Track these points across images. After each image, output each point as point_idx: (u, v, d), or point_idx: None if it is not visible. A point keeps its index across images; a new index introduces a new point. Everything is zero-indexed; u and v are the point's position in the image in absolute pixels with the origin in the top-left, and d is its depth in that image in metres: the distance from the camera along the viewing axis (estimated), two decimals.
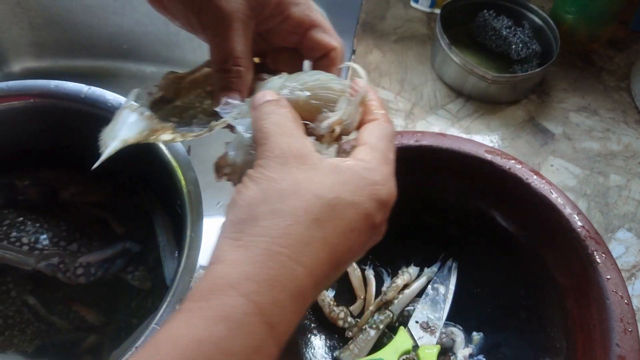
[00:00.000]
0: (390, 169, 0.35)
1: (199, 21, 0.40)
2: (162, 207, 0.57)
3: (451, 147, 0.60)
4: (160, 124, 0.40)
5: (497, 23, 0.85)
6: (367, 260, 0.64)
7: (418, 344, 0.54)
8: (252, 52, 0.41)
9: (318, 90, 0.37)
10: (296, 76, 0.38)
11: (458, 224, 0.64)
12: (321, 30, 0.42)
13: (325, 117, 0.37)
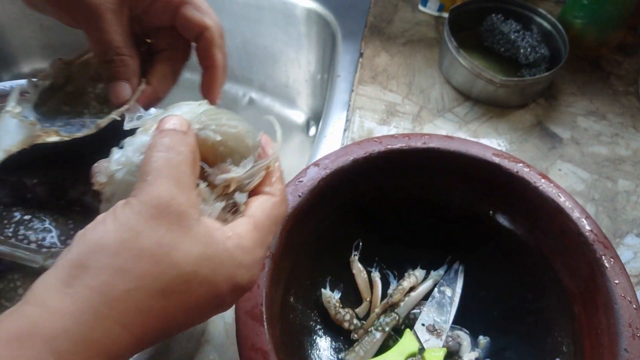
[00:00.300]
0: (263, 253, 0.33)
1: (71, 18, 0.39)
2: None
3: (459, 149, 0.60)
4: (43, 129, 0.39)
5: (506, 27, 0.85)
6: (373, 262, 0.64)
7: (424, 346, 0.54)
8: (132, 38, 0.40)
9: (231, 139, 0.35)
10: (216, 114, 0.36)
11: (464, 227, 0.64)
12: (192, 8, 0.40)
13: (225, 169, 0.34)
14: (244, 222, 0.32)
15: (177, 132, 0.32)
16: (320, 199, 0.57)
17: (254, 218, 0.33)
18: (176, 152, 0.31)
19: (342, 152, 0.59)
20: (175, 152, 0.31)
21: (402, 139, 0.60)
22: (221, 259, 0.30)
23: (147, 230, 0.28)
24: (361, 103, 0.81)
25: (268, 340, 0.47)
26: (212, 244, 0.30)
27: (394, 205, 0.64)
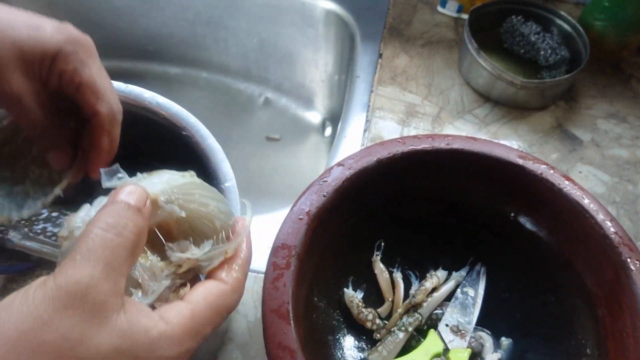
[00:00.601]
0: (195, 344, 0.30)
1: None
2: None
3: (482, 151, 0.60)
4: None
5: (526, 29, 0.85)
6: (395, 263, 0.64)
7: (448, 347, 0.54)
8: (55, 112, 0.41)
9: (197, 218, 0.34)
10: (192, 189, 0.35)
11: (486, 228, 0.64)
12: (88, 91, 0.40)
13: (184, 247, 0.33)
14: (180, 307, 0.30)
15: (128, 208, 0.30)
16: (344, 199, 0.57)
17: (192, 304, 0.31)
18: (116, 233, 0.29)
19: (366, 152, 0.59)
20: (115, 233, 0.29)
21: (425, 140, 0.60)
22: (137, 353, 0.27)
23: (54, 320, 0.25)
24: (380, 104, 0.81)
25: (295, 338, 0.47)
26: (130, 336, 0.27)
27: (416, 206, 0.64)
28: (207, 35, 1.15)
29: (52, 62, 0.39)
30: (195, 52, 1.20)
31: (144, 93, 0.53)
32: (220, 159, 0.50)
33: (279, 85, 1.19)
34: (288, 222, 0.54)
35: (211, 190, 0.36)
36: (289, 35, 1.07)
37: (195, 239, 0.34)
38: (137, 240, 0.30)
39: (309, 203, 0.55)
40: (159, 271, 0.32)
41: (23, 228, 0.54)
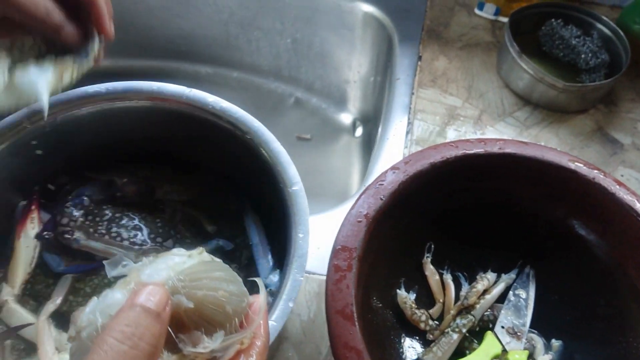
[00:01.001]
0: None
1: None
2: (251, 206, 0.59)
3: (534, 155, 0.60)
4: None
5: (566, 32, 0.85)
6: (444, 265, 0.65)
7: (506, 348, 0.55)
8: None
9: (206, 307, 0.31)
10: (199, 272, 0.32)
11: (535, 232, 0.64)
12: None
13: (196, 339, 0.31)
14: None
15: (147, 315, 0.28)
16: (399, 202, 0.58)
17: None
18: (132, 345, 0.27)
19: (419, 156, 0.60)
20: (130, 345, 0.27)
21: (478, 144, 0.61)
22: None
23: None
24: (422, 106, 0.82)
25: (360, 339, 0.48)
26: None
27: (466, 209, 0.65)
28: (240, 36, 1.17)
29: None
30: (227, 52, 1.21)
31: (207, 97, 0.55)
32: (286, 163, 0.51)
33: (310, 85, 1.20)
34: (347, 225, 0.55)
35: (221, 269, 0.34)
36: (324, 36, 1.08)
37: (208, 329, 0.31)
38: (154, 351, 0.28)
39: (367, 206, 0.56)
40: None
41: (88, 229, 0.56)
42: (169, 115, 0.56)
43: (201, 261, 0.33)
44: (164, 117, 0.56)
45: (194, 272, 0.32)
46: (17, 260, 0.54)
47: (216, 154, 0.59)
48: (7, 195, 0.56)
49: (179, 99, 0.55)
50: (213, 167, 0.61)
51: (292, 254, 0.46)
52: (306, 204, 0.48)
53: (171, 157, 0.61)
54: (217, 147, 0.57)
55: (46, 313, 0.51)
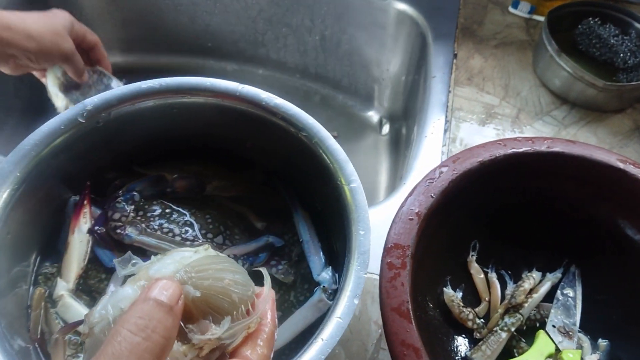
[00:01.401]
0: None
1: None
2: (300, 203, 0.59)
3: (582, 154, 0.60)
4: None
5: (603, 31, 0.85)
6: (488, 263, 0.65)
7: (559, 347, 0.55)
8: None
9: (213, 296, 0.32)
10: (206, 264, 0.33)
11: (580, 231, 0.64)
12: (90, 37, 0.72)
13: (204, 327, 0.32)
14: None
15: (160, 308, 0.29)
16: (447, 200, 0.58)
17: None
18: (145, 337, 0.27)
19: (468, 154, 0.60)
20: (144, 337, 0.27)
21: (526, 143, 0.61)
22: None
23: None
24: (459, 104, 0.82)
25: (417, 336, 0.48)
26: None
27: (510, 207, 0.65)
28: (267, 32, 1.16)
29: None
30: (254, 48, 1.21)
31: (260, 94, 0.54)
32: (343, 160, 0.50)
33: (337, 83, 1.20)
34: (399, 223, 0.55)
35: (226, 261, 0.35)
36: (353, 34, 1.08)
37: (215, 317, 0.32)
38: (166, 344, 0.28)
39: (418, 204, 0.56)
40: (181, 357, 0.31)
41: (140, 224, 0.56)
42: (222, 111, 0.55)
43: (207, 255, 0.35)
44: (217, 113, 0.56)
45: (201, 264, 0.33)
46: (71, 255, 0.54)
47: (267, 150, 0.59)
48: (59, 191, 0.57)
49: (232, 95, 0.55)
50: (263, 164, 0.61)
51: (354, 251, 0.46)
52: (365, 201, 0.48)
53: (221, 153, 0.61)
54: (269, 144, 0.57)
55: None
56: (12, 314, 0.48)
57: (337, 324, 0.42)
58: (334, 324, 0.41)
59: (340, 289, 0.44)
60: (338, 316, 0.42)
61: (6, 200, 0.48)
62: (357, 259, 0.45)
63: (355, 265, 0.45)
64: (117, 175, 0.60)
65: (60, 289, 0.52)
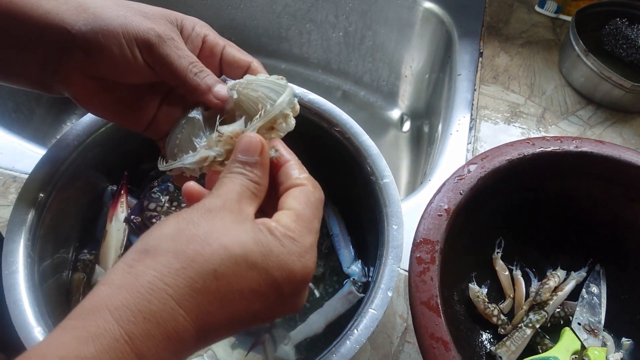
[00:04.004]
0: (313, 239, 0.34)
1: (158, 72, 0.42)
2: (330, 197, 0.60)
3: (611, 154, 0.61)
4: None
5: (631, 32, 0.85)
6: (512, 261, 0.65)
7: (585, 345, 0.55)
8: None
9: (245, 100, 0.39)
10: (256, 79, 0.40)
11: (606, 230, 0.65)
12: (235, 49, 0.45)
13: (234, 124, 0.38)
14: (286, 214, 0.34)
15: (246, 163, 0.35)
16: (476, 197, 0.59)
17: (294, 210, 0.34)
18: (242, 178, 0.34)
19: (497, 152, 0.60)
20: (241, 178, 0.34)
21: (554, 142, 0.61)
22: (270, 247, 0.31)
23: (201, 220, 0.31)
24: (484, 102, 0.82)
25: (446, 330, 0.49)
26: (260, 234, 0.32)
27: (537, 205, 0.65)
28: (291, 27, 1.17)
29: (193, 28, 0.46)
30: (277, 43, 1.22)
31: (294, 89, 0.55)
32: (376, 156, 0.51)
33: (359, 79, 1.21)
34: (427, 218, 0.56)
35: (273, 82, 0.40)
36: (377, 30, 1.09)
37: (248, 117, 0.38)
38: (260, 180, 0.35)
39: (447, 200, 0.57)
40: (213, 143, 0.38)
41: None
42: None
43: (267, 78, 0.41)
44: None
45: (253, 79, 0.40)
46: (109, 243, 0.55)
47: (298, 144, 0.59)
48: (97, 180, 0.58)
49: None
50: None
51: (387, 245, 0.47)
52: (398, 196, 0.49)
53: None
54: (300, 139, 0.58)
55: None
56: (55, 299, 0.50)
57: (371, 315, 0.43)
58: (368, 315, 0.43)
59: (374, 282, 0.46)
60: (372, 308, 0.43)
61: (49, 188, 0.50)
62: (391, 252, 0.46)
63: (389, 259, 0.46)
64: (152, 165, 0.61)
65: (99, 276, 0.54)
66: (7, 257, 0.45)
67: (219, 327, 0.31)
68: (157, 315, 0.28)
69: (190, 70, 0.40)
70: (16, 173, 0.69)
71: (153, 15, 0.41)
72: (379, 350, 0.61)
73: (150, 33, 0.39)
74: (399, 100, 1.18)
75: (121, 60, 0.39)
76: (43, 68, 0.41)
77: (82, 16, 0.39)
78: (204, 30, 0.44)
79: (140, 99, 0.44)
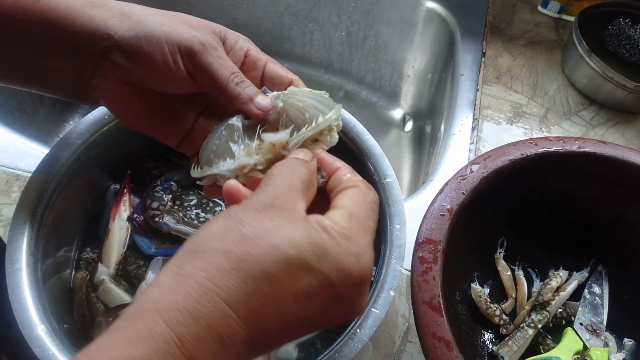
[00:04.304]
0: (369, 238, 0.33)
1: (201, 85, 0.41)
2: None
3: (614, 155, 0.61)
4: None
5: (634, 32, 0.84)
6: (514, 261, 0.65)
7: (587, 345, 0.55)
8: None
9: (291, 109, 0.39)
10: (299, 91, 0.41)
11: (608, 231, 0.65)
12: (277, 65, 0.45)
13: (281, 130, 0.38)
14: (339, 212, 0.33)
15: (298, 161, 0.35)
16: (478, 197, 0.59)
17: (347, 209, 0.33)
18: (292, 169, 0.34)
19: (499, 152, 0.60)
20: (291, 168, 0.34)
21: (557, 142, 0.61)
22: (325, 247, 0.30)
23: (250, 219, 0.30)
24: (487, 102, 0.82)
25: (449, 330, 0.49)
26: (314, 233, 0.30)
27: (539, 206, 0.65)
28: (294, 27, 1.17)
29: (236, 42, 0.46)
30: (279, 43, 1.22)
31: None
32: (379, 155, 0.52)
33: (361, 78, 1.21)
34: (430, 218, 0.56)
35: (318, 95, 0.40)
36: (380, 30, 1.08)
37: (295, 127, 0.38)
38: (309, 180, 0.34)
39: (449, 200, 0.57)
40: (253, 151, 0.38)
41: (178, 213, 0.58)
42: None
43: (310, 90, 0.41)
44: None
45: (297, 91, 0.41)
46: (112, 242, 0.55)
47: None
48: (99, 179, 0.58)
49: None
50: None
51: (390, 245, 0.47)
52: (401, 195, 0.49)
53: None
54: None
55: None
56: (58, 297, 0.50)
57: (373, 315, 0.43)
58: (371, 315, 0.43)
59: (376, 281, 0.45)
60: (375, 308, 0.43)
61: (52, 187, 0.50)
62: (394, 252, 0.46)
63: (392, 258, 0.46)
64: (155, 164, 0.61)
65: (101, 274, 0.54)
66: (10, 255, 0.45)
67: (272, 333, 0.30)
68: (207, 317, 0.27)
69: (232, 80, 0.40)
70: (19, 171, 0.69)
71: (197, 25, 0.41)
72: (381, 350, 0.61)
73: (193, 41, 0.39)
74: (402, 100, 1.18)
75: (163, 67, 0.39)
76: (81, 74, 0.41)
77: (126, 23, 0.39)
78: (246, 44, 0.44)
79: (177, 111, 0.43)
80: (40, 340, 0.41)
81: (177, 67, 0.39)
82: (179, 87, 0.41)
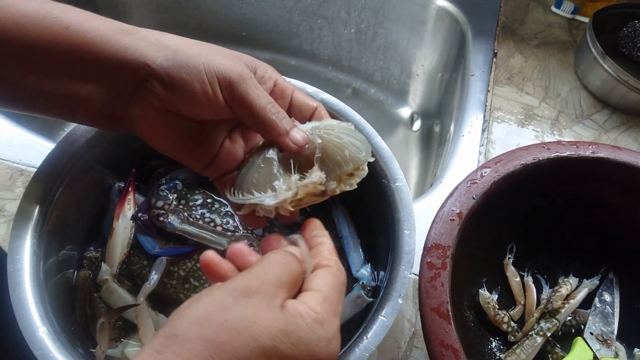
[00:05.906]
0: (338, 323, 0.35)
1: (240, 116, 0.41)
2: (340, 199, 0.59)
3: (628, 161, 0.59)
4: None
5: None
6: (524, 267, 0.64)
7: (597, 355, 0.54)
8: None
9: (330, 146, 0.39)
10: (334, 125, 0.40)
11: (619, 238, 0.63)
12: (302, 93, 0.45)
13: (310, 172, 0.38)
14: (314, 296, 0.34)
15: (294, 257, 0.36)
16: (488, 202, 0.57)
17: (321, 292, 0.35)
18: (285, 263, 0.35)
19: (511, 156, 0.59)
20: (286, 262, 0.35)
21: (570, 147, 0.60)
22: (300, 335, 0.32)
23: (233, 305, 0.31)
24: (498, 104, 0.81)
25: (457, 337, 0.48)
26: (292, 322, 0.32)
27: (550, 211, 0.64)
28: (302, 23, 1.16)
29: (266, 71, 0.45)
30: (288, 39, 1.21)
31: (306, 88, 0.54)
32: (388, 158, 0.50)
33: (370, 76, 1.19)
34: (439, 223, 0.55)
35: (354, 132, 0.40)
36: (390, 28, 1.07)
37: (327, 168, 0.39)
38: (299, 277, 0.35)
39: (459, 204, 0.56)
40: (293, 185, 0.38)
41: (182, 213, 0.57)
42: None
43: (342, 124, 0.41)
44: None
45: (332, 126, 0.41)
46: (115, 241, 0.55)
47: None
48: (103, 176, 0.58)
49: None
50: None
51: (400, 251, 0.46)
52: (410, 200, 0.48)
53: None
54: None
55: (144, 294, 0.52)
56: (60, 297, 0.49)
57: (380, 322, 0.42)
58: (378, 322, 0.42)
59: (383, 287, 0.45)
60: (382, 315, 0.42)
61: (55, 184, 0.49)
62: (403, 258, 0.45)
63: (401, 265, 0.45)
64: (160, 163, 0.60)
65: (104, 274, 0.53)
66: (12, 254, 0.44)
67: None
68: None
69: (270, 110, 0.40)
70: (23, 166, 0.68)
71: (230, 56, 0.41)
72: (386, 355, 0.60)
73: (231, 71, 0.39)
74: (410, 99, 1.16)
75: (202, 97, 0.39)
76: (114, 101, 0.41)
77: (163, 52, 0.39)
78: (275, 74, 0.44)
79: (207, 135, 0.44)
80: (41, 343, 0.40)
81: (216, 97, 0.39)
82: (216, 114, 0.41)
